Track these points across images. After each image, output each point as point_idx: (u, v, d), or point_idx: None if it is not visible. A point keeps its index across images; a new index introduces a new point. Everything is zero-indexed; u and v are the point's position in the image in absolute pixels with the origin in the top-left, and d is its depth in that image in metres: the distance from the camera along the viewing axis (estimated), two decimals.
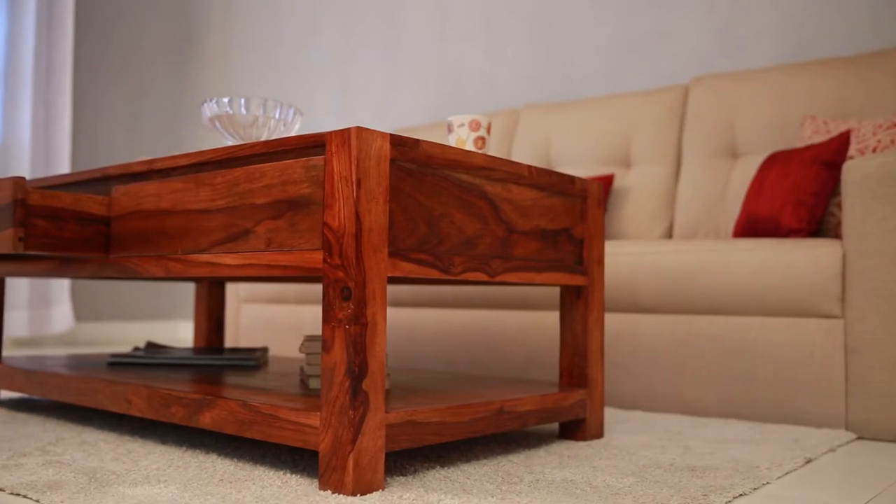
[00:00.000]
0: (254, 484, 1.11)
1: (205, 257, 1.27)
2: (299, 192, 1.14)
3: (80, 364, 1.77)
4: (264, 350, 1.97)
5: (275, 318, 2.75)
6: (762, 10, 2.67)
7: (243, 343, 2.85)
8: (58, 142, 3.87)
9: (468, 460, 1.29)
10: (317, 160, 1.12)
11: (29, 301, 3.72)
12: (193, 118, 4.61)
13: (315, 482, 1.12)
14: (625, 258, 1.93)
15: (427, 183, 1.19)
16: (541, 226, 1.42)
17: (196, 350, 1.92)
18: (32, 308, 3.75)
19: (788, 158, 2.03)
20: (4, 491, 1.07)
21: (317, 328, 2.61)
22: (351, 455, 1.05)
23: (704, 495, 1.08)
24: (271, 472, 1.18)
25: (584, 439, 1.49)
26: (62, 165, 3.86)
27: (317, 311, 2.62)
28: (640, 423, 1.70)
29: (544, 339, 2.07)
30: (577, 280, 1.49)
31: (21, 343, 3.83)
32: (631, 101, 2.71)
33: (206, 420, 1.25)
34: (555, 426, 1.67)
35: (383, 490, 1.08)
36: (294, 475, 1.16)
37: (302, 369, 1.53)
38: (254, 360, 1.80)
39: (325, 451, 1.08)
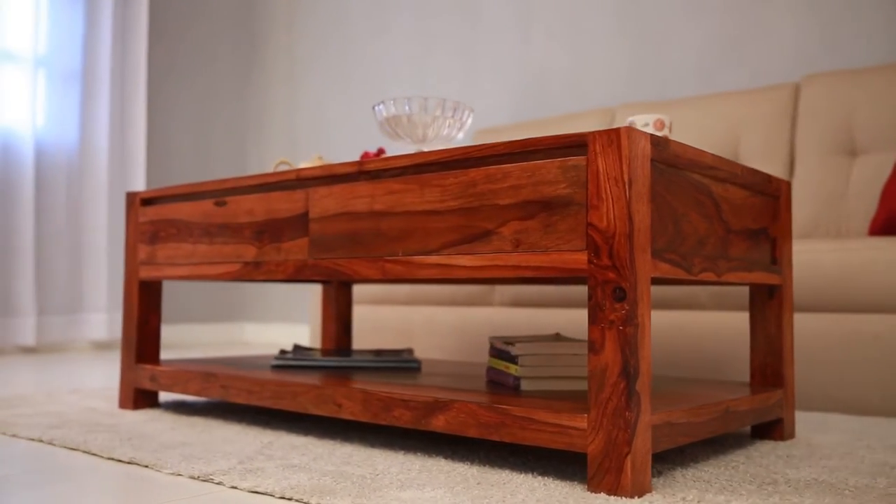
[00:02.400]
0: (518, 486, 1.10)
1: (433, 259, 1.26)
2: (555, 192, 1.13)
3: (241, 367, 1.77)
4: (409, 351, 1.96)
5: (382, 319, 2.74)
6: (870, 8, 2.66)
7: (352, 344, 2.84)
8: (133, 145, 3.86)
9: (695, 461, 1.29)
10: (577, 160, 1.11)
11: (108, 304, 3.72)
12: (259, 121, 4.60)
13: (575, 484, 1.11)
14: None
15: (673, 183, 1.18)
16: (747, 225, 1.41)
17: (327, 352, 1.91)
18: (111, 311, 3.75)
19: None
20: (274, 495, 1.06)
21: (429, 328, 2.60)
22: (628, 457, 1.04)
23: None
24: (520, 475, 1.17)
25: (782, 439, 1.49)
26: (138, 168, 3.86)
27: (429, 312, 2.61)
28: (815, 423, 1.69)
29: (682, 339, 2.06)
30: (773, 279, 1.48)
31: (100, 346, 3.83)
32: (736, 100, 2.70)
33: (440, 423, 1.24)
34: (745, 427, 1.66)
35: (653, 492, 1.08)
36: (545, 477, 1.15)
37: (490, 369, 1.52)
38: (416, 361, 1.79)
39: (594, 454, 1.07)
